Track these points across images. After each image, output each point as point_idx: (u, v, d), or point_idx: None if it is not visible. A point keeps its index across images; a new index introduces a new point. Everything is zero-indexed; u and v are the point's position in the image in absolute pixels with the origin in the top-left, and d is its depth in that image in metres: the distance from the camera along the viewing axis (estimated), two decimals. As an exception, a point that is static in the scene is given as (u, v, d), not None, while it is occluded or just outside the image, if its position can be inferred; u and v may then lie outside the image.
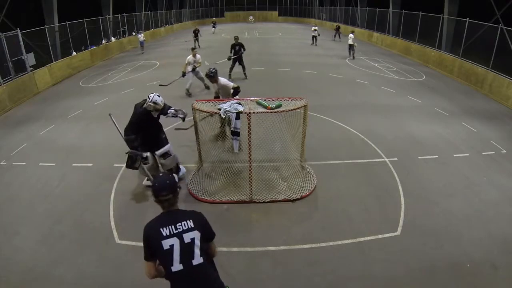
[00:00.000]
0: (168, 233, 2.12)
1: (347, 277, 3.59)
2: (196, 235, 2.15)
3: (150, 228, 2.18)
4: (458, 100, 9.65)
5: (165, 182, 2.20)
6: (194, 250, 2.13)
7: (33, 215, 4.66)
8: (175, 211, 2.24)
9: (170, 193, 2.18)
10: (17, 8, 13.69)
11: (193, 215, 2.24)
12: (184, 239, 2.12)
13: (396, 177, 5.48)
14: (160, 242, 2.09)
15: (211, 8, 41.81)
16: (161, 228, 2.13)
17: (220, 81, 6.20)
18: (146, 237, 2.16)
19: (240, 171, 5.27)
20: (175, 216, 2.20)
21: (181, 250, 2.11)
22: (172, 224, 2.15)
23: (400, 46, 17.78)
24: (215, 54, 17.63)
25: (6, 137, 7.41)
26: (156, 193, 2.17)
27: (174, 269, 2.09)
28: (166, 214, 2.22)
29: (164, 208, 2.23)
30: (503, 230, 4.28)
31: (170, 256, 2.09)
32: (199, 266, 2.12)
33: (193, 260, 2.12)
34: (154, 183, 2.23)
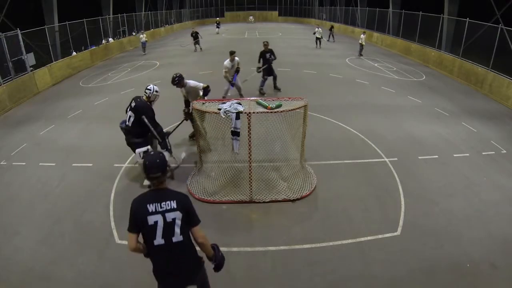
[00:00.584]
0: (154, 210, 2.29)
1: (347, 277, 3.59)
2: (177, 215, 2.31)
3: (138, 203, 2.34)
4: (458, 100, 9.65)
5: (156, 161, 2.34)
6: (175, 229, 2.32)
7: (33, 215, 4.66)
8: (163, 189, 2.39)
9: (160, 171, 2.32)
10: (17, 8, 13.69)
11: (178, 197, 2.38)
12: (166, 218, 2.30)
13: (396, 177, 5.48)
14: (146, 217, 2.28)
15: (211, 8, 41.81)
16: (148, 205, 2.30)
17: (189, 84, 6.08)
18: (134, 211, 2.32)
19: (240, 171, 5.27)
20: (162, 195, 2.35)
21: (164, 227, 2.30)
22: (158, 202, 2.31)
23: (400, 46, 17.78)
24: (214, 58, 17.58)
25: (6, 137, 7.41)
26: (147, 171, 2.33)
27: (156, 243, 2.31)
28: (154, 192, 2.38)
29: (154, 186, 2.38)
30: (503, 230, 4.28)
31: (154, 231, 2.29)
32: (178, 243, 2.33)
33: (173, 237, 2.32)
34: (145, 161, 2.38)
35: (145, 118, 4.81)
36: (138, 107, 4.82)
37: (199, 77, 12.30)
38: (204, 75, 12.68)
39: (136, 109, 4.82)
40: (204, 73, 12.88)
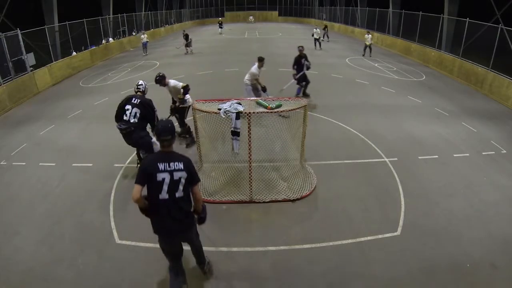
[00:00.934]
0: (163, 168, 2.71)
1: (347, 277, 3.59)
2: (183, 175, 2.75)
3: (150, 161, 2.80)
4: (458, 100, 9.65)
5: (167, 126, 2.77)
6: (179, 186, 2.74)
7: (33, 215, 4.66)
8: (171, 152, 2.81)
9: (170, 134, 2.75)
10: (17, 8, 13.69)
11: (184, 159, 2.81)
12: (174, 176, 2.72)
13: (396, 177, 5.48)
14: (156, 174, 2.69)
15: (211, 8, 41.81)
16: (158, 163, 2.71)
17: (170, 83, 6.22)
18: (146, 167, 2.76)
19: (240, 171, 5.27)
20: (171, 156, 2.78)
21: (170, 184, 2.71)
22: (167, 162, 2.73)
23: (400, 46, 17.78)
24: (214, 58, 17.59)
25: (6, 137, 7.41)
26: (159, 134, 2.74)
27: (161, 197, 2.72)
28: (164, 153, 2.80)
29: (164, 147, 2.79)
30: (503, 230, 4.28)
31: (161, 186, 2.70)
32: (179, 198, 2.78)
33: (176, 193, 2.75)
34: (158, 125, 2.79)
35: (152, 111, 5.09)
36: (144, 103, 5.05)
37: (198, 77, 12.33)
38: (203, 75, 12.69)
39: (142, 105, 5.03)
40: (203, 73, 12.88)
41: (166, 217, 2.79)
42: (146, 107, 5.04)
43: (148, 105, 5.08)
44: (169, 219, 2.80)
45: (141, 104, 5.02)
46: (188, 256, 3.56)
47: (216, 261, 3.81)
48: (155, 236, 4.17)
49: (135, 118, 4.99)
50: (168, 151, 2.80)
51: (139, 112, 4.99)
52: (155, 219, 2.86)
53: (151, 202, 2.78)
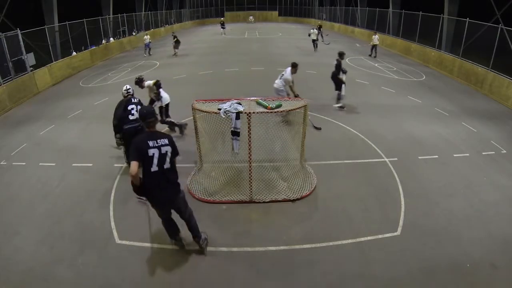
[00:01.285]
0: (153, 145, 3.18)
1: (347, 277, 3.59)
2: (168, 149, 3.26)
3: (141, 141, 3.21)
4: (458, 100, 9.65)
5: (150, 109, 3.41)
6: (166, 159, 3.26)
7: (33, 215, 4.67)
8: (156, 131, 3.33)
9: (153, 116, 3.31)
10: (17, 8, 13.69)
11: (167, 136, 3.36)
12: (161, 151, 3.22)
13: (396, 177, 5.48)
14: (147, 150, 3.15)
15: (211, 8, 41.79)
16: (148, 141, 3.18)
17: (145, 84, 6.67)
18: (138, 146, 3.18)
19: (240, 171, 5.27)
20: (156, 135, 3.28)
21: (159, 157, 3.20)
22: (155, 139, 3.22)
23: (400, 46, 17.78)
24: (214, 58, 17.58)
25: (6, 137, 7.41)
26: (145, 116, 3.26)
27: (153, 170, 3.20)
28: (151, 133, 3.29)
29: (150, 128, 3.29)
30: (503, 230, 4.28)
31: (152, 160, 3.16)
32: (167, 169, 3.29)
33: (164, 165, 3.25)
34: (142, 110, 3.41)
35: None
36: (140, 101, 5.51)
37: (198, 77, 12.33)
38: (204, 75, 12.69)
39: (141, 102, 5.47)
40: (204, 73, 12.88)
41: (158, 185, 3.28)
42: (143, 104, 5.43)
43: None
44: (161, 186, 3.30)
45: (140, 102, 5.43)
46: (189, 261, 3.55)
47: (216, 261, 3.82)
48: (155, 236, 4.20)
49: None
50: (154, 130, 3.31)
51: (140, 105, 5.35)
52: (149, 191, 3.32)
53: (145, 176, 3.22)
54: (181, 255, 3.91)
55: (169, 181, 3.34)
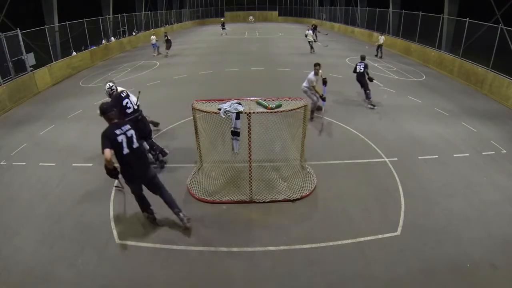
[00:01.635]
0: (119, 133, 3.70)
1: (347, 277, 3.59)
2: (132, 132, 3.81)
3: (109, 132, 3.68)
4: (458, 100, 9.64)
5: (109, 104, 3.99)
6: (133, 140, 3.79)
7: (33, 215, 4.67)
8: (118, 121, 3.85)
9: (112, 110, 3.82)
10: (17, 8, 13.69)
11: (128, 123, 3.91)
12: (127, 135, 3.75)
13: (396, 177, 5.48)
14: (116, 138, 3.65)
15: (211, 8, 41.79)
16: (115, 130, 3.69)
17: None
18: (108, 136, 3.65)
19: (240, 171, 5.27)
20: (119, 124, 3.81)
21: (127, 141, 3.72)
22: (120, 128, 3.74)
23: (400, 46, 17.78)
24: (214, 58, 17.58)
25: (6, 137, 7.41)
26: (106, 111, 3.79)
27: (124, 152, 3.72)
28: (114, 124, 3.79)
29: (111, 120, 3.80)
30: (503, 230, 4.28)
31: (122, 145, 3.69)
32: (136, 148, 3.82)
33: (133, 145, 3.78)
34: (102, 105, 3.83)
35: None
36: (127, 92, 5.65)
37: (198, 77, 12.34)
38: (204, 75, 12.70)
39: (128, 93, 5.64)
40: (204, 73, 12.89)
41: (133, 163, 3.81)
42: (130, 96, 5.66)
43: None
44: (135, 163, 3.83)
45: (128, 94, 5.61)
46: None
47: (216, 261, 3.82)
48: (155, 236, 4.20)
49: (136, 105, 5.63)
50: (116, 121, 3.82)
51: (134, 101, 5.61)
52: (126, 172, 3.88)
53: (119, 158, 3.74)
54: (181, 255, 3.92)
55: (140, 158, 3.90)
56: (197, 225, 4.41)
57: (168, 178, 5.51)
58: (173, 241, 4.10)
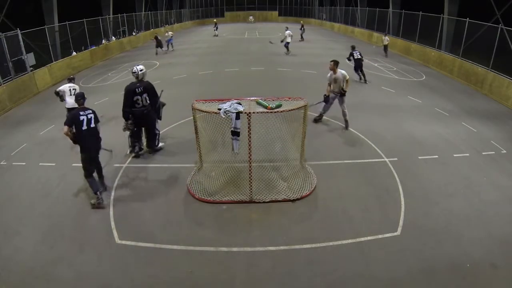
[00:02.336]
0: (82, 114, 4.73)
1: (347, 277, 3.59)
2: (92, 116, 4.81)
3: (75, 113, 4.77)
4: (458, 100, 9.65)
5: (81, 93, 5.04)
6: (91, 121, 4.78)
7: (33, 215, 4.67)
8: (84, 107, 4.88)
9: (82, 99, 4.92)
10: (17, 8, 13.69)
11: (91, 109, 4.91)
12: (88, 117, 4.75)
13: (396, 177, 5.48)
14: (78, 117, 4.68)
15: (211, 8, 41.81)
16: (80, 112, 4.74)
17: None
18: (72, 116, 4.76)
19: (240, 171, 5.26)
20: (85, 109, 4.84)
21: (87, 121, 4.72)
22: (83, 111, 4.77)
23: (400, 46, 17.78)
24: (214, 58, 17.55)
25: (6, 137, 7.41)
26: (76, 98, 4.98)
27: (83, 128, 4.69)
28: (81, 108, 4.83)
29: (80, 105, 4.89)
30: (503, 230, 4.28)
31: (82, 123, 4.68)
32: (93, 128, 4.81)
33: (91, 125, 4.77)
34: (77, 94, 5.08)
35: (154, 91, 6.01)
36: (147, 87, 5.87)
37: (198, 77, 12.34)
38: (204, 75, 12.70)
39: (146, 88, 5.85)
40: (204, 73, 12.89)
41: (88, 139, 4.77)
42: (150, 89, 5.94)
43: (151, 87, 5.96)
44: (88, 141, 4.79)
45: (146, 88, 5.85)
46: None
47: (216, 261, 3.82)
48: (155, 236, 4.20)
49: (147, 102, 5.90)
50: (83, 107, 4.88)
51: (147, 94, 5.87)
52: (81, 144, 4.77)
53: (77, 133, 4.69)
54: (181, 255, 3.92)
55: (92, 135, 4.83)
56: (197, 225, 4.41)
57: (168, 178, 5.53)
58: (173, 241, 4.10)
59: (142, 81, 5.90)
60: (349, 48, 16.51)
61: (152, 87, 5.95)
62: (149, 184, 5.35)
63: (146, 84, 5.88)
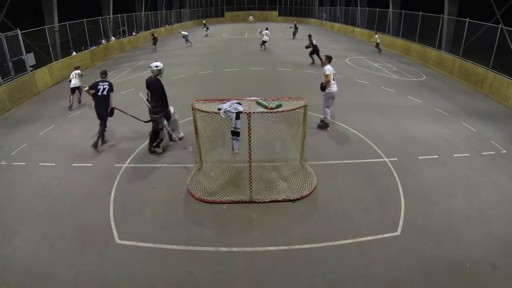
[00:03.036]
0: (101, 84, 6.53)
1: (347, 277, 3.59)
2: (107, 86, 6.56)
3: (96, 83, 6.56)
4: (458, 100, 9.65)
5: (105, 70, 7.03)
6: (105, 91, 6.52)
7: (33, 215, 4.67)
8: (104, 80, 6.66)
9: (104, 74, 6.86)
10: (17, 8, 13.69)
11: (108, 81, 6.71)
12: (103, 87, 6.52)
13: (396, 177, 5.48)
14: (97, 86, 6.50)
15: (211, 8, 41.83)
16: (99, 83, 6.56)
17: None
18: (95, 84, 6.53)
19: (240, 171, 5.27)
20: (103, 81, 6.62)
21: (102, 90, 6.50)
22: (102, 83, 6.57)
23: (400, 46, 17.78)
24: (214, 58, 17.53)
25: (6, 137, 7.41)
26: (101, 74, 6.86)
27: (98, 94, 6.47)
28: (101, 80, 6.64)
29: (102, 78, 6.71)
30: (503, 230, 4.28)
31: (99, 90, 6.48)
32: (105, 95, 6.52)
33: (104, 93, 6.51)
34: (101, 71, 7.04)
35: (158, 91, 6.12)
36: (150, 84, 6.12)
37: (198, 77, 12.34)
38: (204, 75, 12.70)
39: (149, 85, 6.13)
40: (204, 73, 12.89)
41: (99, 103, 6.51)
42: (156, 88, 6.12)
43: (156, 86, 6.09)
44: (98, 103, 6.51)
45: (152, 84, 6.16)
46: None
47: (216, 261, 3.82)
48: (155, 236, 4.21)
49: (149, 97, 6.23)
50: (103, 79, 6.64)
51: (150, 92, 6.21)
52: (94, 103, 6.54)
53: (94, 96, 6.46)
54: (181, 255, 3.92)
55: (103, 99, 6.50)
56: (197, 225, 4.41)
57: (168, 178, 5.53)
58: (173, 241, 4.10)
59: (153, 77, 6.08)
60: (349, 48, 16.57)
61: (155, 87, 6.04)
62: (149, 184, 5.35)
63: (153, 81, 6.06)
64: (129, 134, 7.14)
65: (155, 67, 6.13)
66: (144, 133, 6.83)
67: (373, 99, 9.58)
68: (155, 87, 6.04)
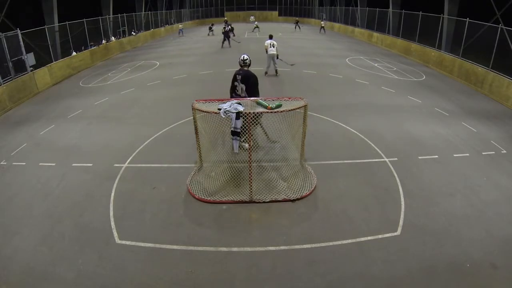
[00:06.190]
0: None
1: (347, 277, 3.59)
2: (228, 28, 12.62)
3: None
4: (458, 100, 9.64)
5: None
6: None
7: (33, 215, 4.66)
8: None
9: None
10: (17, 8, 13.68)
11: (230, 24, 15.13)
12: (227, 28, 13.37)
13: (396, 177, 5.48)
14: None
15: (211, 8, 41.81)
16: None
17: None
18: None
19: (240, 171, 5.27)
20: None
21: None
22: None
23: (400, 46, 17.78)
24: (214, 58, 17.55)
25: (6, 137, 7.41)
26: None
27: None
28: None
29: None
30: (503, 230, 4.28)
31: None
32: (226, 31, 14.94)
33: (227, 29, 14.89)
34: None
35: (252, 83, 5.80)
36: (245, 76, 5.76)
37: (199, 77, 12.33)
38: (204, 75, 12.69)
39: (244, 77, 5.74)
40: (204, 73, 12.89)
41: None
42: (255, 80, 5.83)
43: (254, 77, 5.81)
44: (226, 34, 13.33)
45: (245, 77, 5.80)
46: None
47: (216, 261, 3.82)
48: (155, 236, 4.21)
49: (243, 93, 5.81)
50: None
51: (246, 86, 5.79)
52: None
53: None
54: (181, 255, 3.92)
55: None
56: (197, 225, 4.41)
57: (168, 178, 5.52)
58: (173, 241, 4.10)
59: (244, 69, 5.83)
60: (349, 48, 16.58)
61: (249, 78, 5.73)
62: (149, 184, 5.35)
63: (246, 72, 5.76)
64: (129, 134, 7.14)
65: (244, 59, 5.87)
66: (144, 133, 6.83)
67: (373, 99, 9.58)
68: (249, 80, 5.73)
